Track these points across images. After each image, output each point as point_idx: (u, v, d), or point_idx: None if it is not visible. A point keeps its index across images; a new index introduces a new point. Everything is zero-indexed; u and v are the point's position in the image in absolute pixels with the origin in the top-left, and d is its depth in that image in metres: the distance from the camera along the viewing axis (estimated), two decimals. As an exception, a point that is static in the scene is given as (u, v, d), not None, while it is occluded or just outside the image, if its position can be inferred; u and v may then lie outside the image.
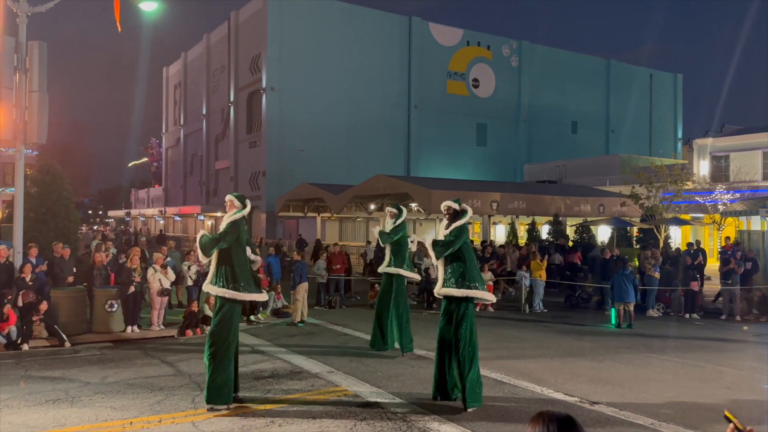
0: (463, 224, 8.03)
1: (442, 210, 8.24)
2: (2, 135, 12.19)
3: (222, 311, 7.66)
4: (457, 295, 7.75)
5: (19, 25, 12.14)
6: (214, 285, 7.68)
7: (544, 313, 16.52)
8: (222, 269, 7.69)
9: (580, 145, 51.05)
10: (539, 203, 26.36)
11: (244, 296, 7.73)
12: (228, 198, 8.12)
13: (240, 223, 7.91)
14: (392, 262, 11.45)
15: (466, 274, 7.82)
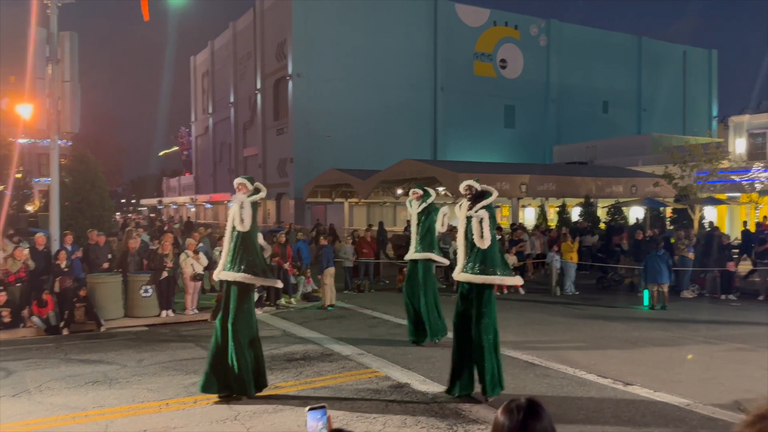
0: (491, 203, 7.60)
1: (462, 191, 7.76)
2: (37, 125, 12.46)
3: (239, 299, 7.41)
4: (477, 281, 7.30)
5: (50, 16, 12.34)
6: (231, 271, 7.41)
7: (576, 295, 16.35)
8: (239, 255, 7.46)
9: (611, 125, 50.05)
10: (569, 185, 25.96)
11: (264, 281, 7.67)
12: (239, 180, 7.81)
13: (254, 207, 7.67)
14: (419, 247, 10.72)
15: (487, 259, 7.34)
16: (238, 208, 7.48)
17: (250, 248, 7.50)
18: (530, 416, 1.80)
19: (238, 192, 7.69)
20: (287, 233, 19.28)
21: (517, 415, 1.80)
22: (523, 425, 1.78)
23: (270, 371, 8.59)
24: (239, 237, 7.50)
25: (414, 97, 43.30)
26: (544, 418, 1.81)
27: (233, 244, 7.52)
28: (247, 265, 7.41)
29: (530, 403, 1.83)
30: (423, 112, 43.98)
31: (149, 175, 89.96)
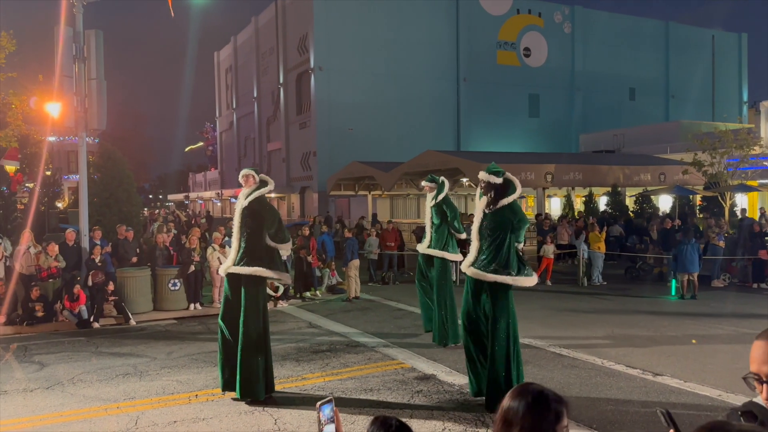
0: (515, 201, 6.85)
1: (481, 183, 6.93)
2: (65, 122, 12.68)
3: (249, 293, 7.15)
4: (488, 279, 6.63)
5: (76, 14, 12.52)
6: (241, 265, 7.16)
7: (603, 285, 16.14)
8: (249, 248, 7.24)
9: (639, 113, 49.12)
10: (596, 174, 25.58)
11: (277, 275, 7.41)
12: (245, 172, 7.49)
13: (265, 198, 7.50)
14: (434, 243, 9.96)
15: (504, 258, 6.69)
16: (246, 205, 7.26)
17: (260, 242, 7.28)
18: (536, 402, 1.75)
19: (245, 185, 7.47)
20: (311, 226, 19.37)
21: (523, 399, 1.76)
22: (528, 410, 1.73)
23: (296, 362, 8.67)
24: (248, 231, 7.26)
25: (436, 87, 43.05)
26: (551, 404, 1.75)
27: (243, 239, 7.27)
28: (258, 259, 7.19)
29: (538, 389, 1.79)
30: (445, 102, 43.71)
31: (175, 170, 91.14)
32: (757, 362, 1.67)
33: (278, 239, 7.42)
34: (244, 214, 7.29)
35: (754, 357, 1.69)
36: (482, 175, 6.90)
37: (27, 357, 9.33)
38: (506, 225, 6.73)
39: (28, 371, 8.49)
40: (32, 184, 24.14)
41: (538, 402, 1.74)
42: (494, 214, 6.76)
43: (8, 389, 7.62)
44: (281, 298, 13.77)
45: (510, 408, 1.76)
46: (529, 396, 1.76)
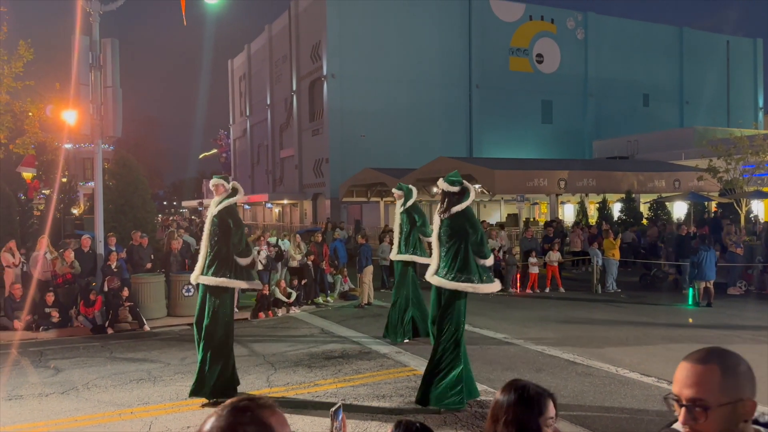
0: (468, 207, 7.05)
1: (439, 190, 7.29)
2: (81, 130, 12.83)
3: (216, 302, 7.24)
4: (449, 287, 6.85)
5: (92, 23, 12.69)
6: (207, 275, 7.22)
7: (618, 292, 16.01)
8: (215, 257, 7.27)
9: (653, 119, 48.80)
10: (610, 180, 25.43)
11: (242, 284, 7.42)
12: (215, 181, 7.54)
13: (235, 208, 7.51)
14: (402, 248, 10.47)
15: (463, 265, 6.86)
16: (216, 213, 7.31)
17: (227, 251, 7.29)
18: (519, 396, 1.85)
19: (215, 193, 7.46)
20: (324, 233, 19.42)
21: (507, 394, 1.88)
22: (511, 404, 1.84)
23: (309, 369, 8.68)
24: (217, 240, 7.29)
25: (448, 94, 43.07)
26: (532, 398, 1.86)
27: (211, 248, 7.31)
28: (225, 269, 7.24)
29: (522, 384, 1.89)
30: (458, 109, 43.71)
31: (189, 177, 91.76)
32: (679, 384, 1.59)
33: (238, 251, 7.36)
34: (213, 223, 7.33)
35: (677, 378, 1.61)
36: (439, 183, 7.20)
37: (42, 362, 9.42)
38: (461, 231, 6.94)
39: (44, 376, 8.58)
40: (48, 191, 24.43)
41: (521, 396, 1.85)
42: (450, 221, 7.00)
43: (24, 394, 7.69)
44: (293, 304, 13.81)
45: (497, 402, 1.89)
46: (513, 390, 1.88)
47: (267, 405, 1.37)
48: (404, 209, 10.56)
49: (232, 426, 1.30)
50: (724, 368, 1.57)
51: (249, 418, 1.32)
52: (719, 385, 1.54)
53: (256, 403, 1.36)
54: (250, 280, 7.66)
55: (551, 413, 1.83)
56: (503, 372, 8.35)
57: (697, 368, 1.59)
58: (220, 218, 7.34)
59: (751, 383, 1.57)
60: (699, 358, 1.62)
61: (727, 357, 1.61)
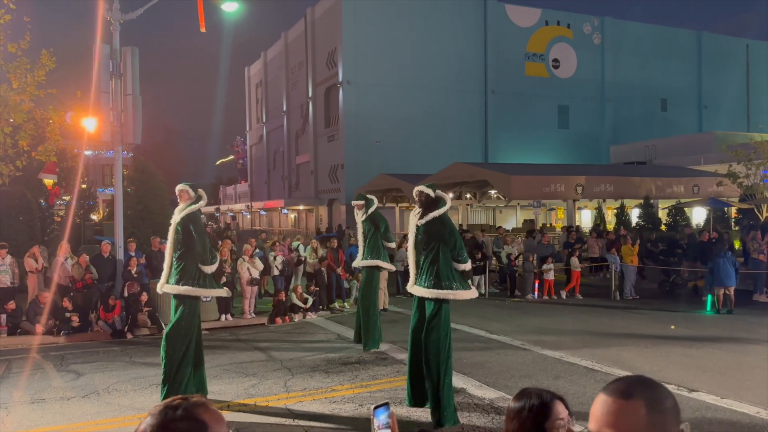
0: (445, 213, 7.05)
1: (414, 196, 7.26)
2: (102, 137, 13.02)
3: (180, 311, 7.20)
4: (429, 296, 6.85)
5: (112, 32, 12.89)
6: (172, 284, 7.21)
7: (636, 299, 15.86)
8: (179, 265, 7.23)
9: (671, 124, 48.37)
10: (628, 185, 25.22)
11: (206, 292, 7.42)
12: (179, 188, 7.47)
13: (198, 215, 7.43)
14: (367, 254, 10.67)
15: (441, 272, 6.85)
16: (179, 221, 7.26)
17: (192, 260, 7.26)
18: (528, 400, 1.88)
19: (180, 200, 7.41)
20: (340, 238, 19.48)
21: (517, 400, 1.90)
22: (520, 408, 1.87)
23: (326, 374, 8.70)
24: (180, 248, 7.27)
25: (464, 100, 43.06)
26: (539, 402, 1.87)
27: (176, 256, 7.27)
28: (189, 277, 7.20)
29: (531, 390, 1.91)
30: (473, 114, 43.67)
31: (206, 183, 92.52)
32: (598, 422, 1.39)
33: (202, 260, 7.32)
34: (176, 231, 7.27)
35: (595, 414, 1.40)
36: (419, 187, 7.17)
37: (64, 366, 9.55)
38: (438, 237, 6.91)
39: (65, 380, 8.69)
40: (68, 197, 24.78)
41: (529, 400, 1.89)
42: (426, 227, 6.97)
43: (46, 397, 7.81)
44: (310, 310, 13.86)
45: (509, 408, 1.92)
46: (523, 396, 1.91)
47: (200, 403, 1.39)
48: (366, 217, 10.69)
49: (164, 424, 1.32)
50: (649, 404, 1.39)
51: (181, 415, 1.34)
52: (645, 424, 1.36)
53: (188, 402, 1.38)
54: (214, 288, 7.62)
55: (561, 415, 1.86)
56: (521, 379, 8.31)
57: (619, 404, 1.39)
58: (183, 226, 7.26)
59: (676, 419, 1.42)
60: (622, 391, 1.42)
61: (653, 390, 1.43)
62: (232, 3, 13.52)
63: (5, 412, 7.24)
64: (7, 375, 8.99)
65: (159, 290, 7.44)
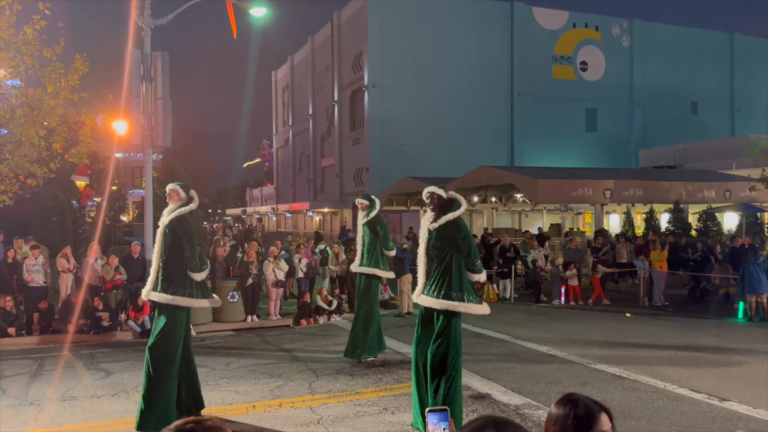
0: (459, 217, 6.53)
1: (425, 198, 6.74)
2: (133, 140, 13.26)
3: (164, 321, 6.63)
4: (438, 307, 6.34)
5: (144, 37, 13.13)
6: (158, 291, 6.65)
7: (665, 306, 15.58)
8: (166, 272, 6.69)
9: (702, 127, 47.44)
10: (657, 190, 24.80)
11: (194, 302, 6.79)
12: (170, 187, 7.02)
13: (187, 218, 6.89)
14: (366, 261, 10.02)
15: (453, 282, 6.36)
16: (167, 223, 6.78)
17: (179, 266, 6.74)
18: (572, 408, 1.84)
19: (169, 201, 6.96)
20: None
21: (560, 407, 1.86)
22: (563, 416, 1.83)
23: (350, 377, 8.73)
24: (167, 253, 6.75)
25: (490, 103, 42.84)
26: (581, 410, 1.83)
27: (162, 262, 6.75)
28: (176, 285, 6.67)
29: (576, 397, 1.87)
30: (499, 117, 43.42)
31: (233, 186, 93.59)
32: None
33: (191, 266, 6.75)
34: (164, 234, 6.76)
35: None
36: (430, 188, 6.71)
37: (94, 365, 9.74)
38: (452, 242, 6.43)
39: (95, 378, 8.86)
40: (99, 199, 25.26)
41: (576, 408, 1.85)
42: (439, 231, 6.48)
43: (77, 395, 7.97)
44: (334, 312, 13.91)
45: (549, 416, 1.89)
46: (563, 405, 1.87)
47: (215, 426, 1.30)
48: (367, 221, 10.07)
49: None
50: None
51: None
52: None
53: (201, 426, 1.29)
54: (207, 298, 6.98)
55: (604, 427, 1.82)
56: (547, 385, 8.23)
57: None
58: (171, 229, 6.74)
59: None
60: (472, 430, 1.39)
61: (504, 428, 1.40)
62: (260, 8, 13.66)
63: (38, 409, 7.41)
64: (39, 373, 9.19)
65: (144, 297, 6.90)
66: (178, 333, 6.67)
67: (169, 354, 6.57)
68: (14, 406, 7.50)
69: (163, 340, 6.59)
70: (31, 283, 12.37)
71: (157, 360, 6.52)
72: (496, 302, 16.24)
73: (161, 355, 6.54)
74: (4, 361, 9.86)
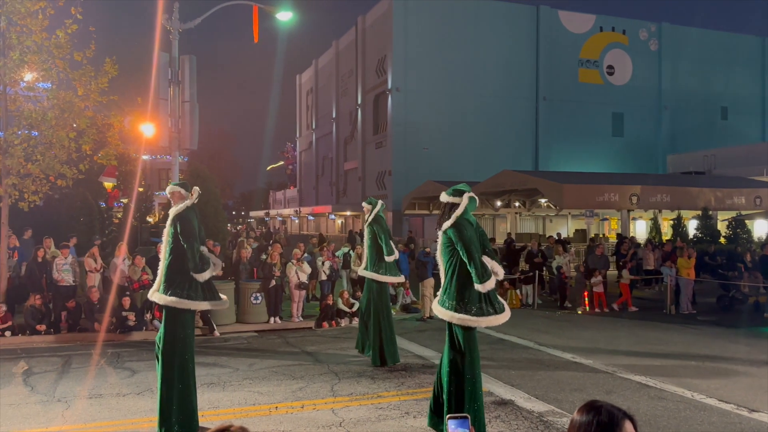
0: (462, 215, 6.08)
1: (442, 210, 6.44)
2: (160, 142, 13.46)
3: (167, 324, 6.51)
4: (444, 318, 6.13)
5: (172, 41, 13.33)
6: (161, 293, 6.52)
7: (693, 314, 15.29)
8: (170, 273, 6.54)
9: (731, 133, 46.55)
10: (685, 196, 24.39)
11: (195, 305, 6.57)
12: (168, 189, 6.84)
13: (188, 216, 6.66)
14: (369, 265, 9.98)
15: (454, 289, 6.07)
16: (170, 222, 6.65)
17: (182, 267, 6.54)
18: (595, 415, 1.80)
19: (173, 202, 6.81)
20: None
21: (583, 414, 1.83)
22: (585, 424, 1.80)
23: (372, 380, 8.72)
24: (171, 254, 6.58)
25: (514, 107, 42.59)
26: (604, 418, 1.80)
27: (167, 262, 6.58)
28: (177, 287, 6.49)
29: (599, 404, 1.84)
30: (523, 122, 43.12)
31: (257, 188, 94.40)
32: None
33: (193, 266, 6.51)
34: (169, 233, 6.64)
35: None
36: (442, 197, 6.43)
37: (120, 363, 9.88)
38: (451, 245, 6.11)
39: (121, 377, 8.99)
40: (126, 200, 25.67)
41: (599, 415, 1.82)
42: (444, 234, 6.21)
43: (103, 393, 8.09)
44: (356, 315, 13.90)
45: (571, 422, 1.86)
46: (586, 411, 1.85)
47: None
48: (368, 222, 10.08)
49: None
50: None
51: None
52: None
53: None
54: (210, 300, 6.68)
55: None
56: (571, 393, 8.12)
57: None
58: (173, 226, 6.58)
59: None
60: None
61: None
62: (286, 12, 13.78)
63: (65, 405, 7.54)
64: (66, 370, 9.35)
65: (149, 298, 6.80)
66: (179, 334, 6.51)
67: (182, 356, 6.50)
68: (42, 403, 7.64)
69: (167, 343, 6.49)
70: (61, 282, 12.60)
71: (170, 366, 6.44)
72: (519, 308, 16.11)
73: (175, 359, 6.46)
74: (33, 359, 10.06)
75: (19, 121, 12.71)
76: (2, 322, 11.64)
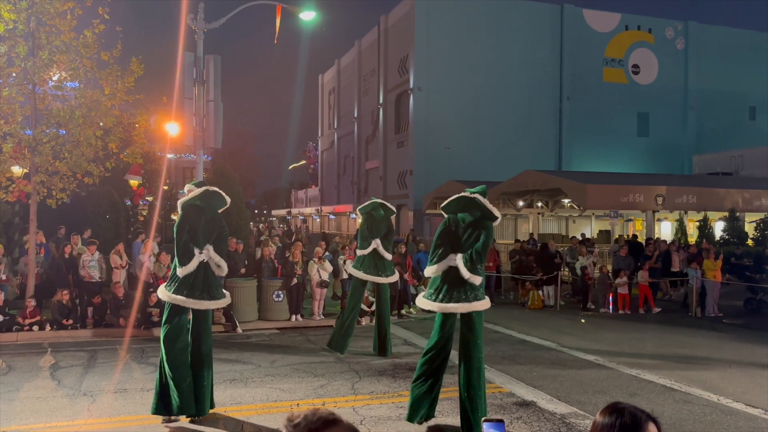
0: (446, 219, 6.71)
1: None
2: (185, 141, 13.61)
3: (165, 317, 6.77)
4: (434, 309, 6.62)
5: (196, 41, 13.47)
6: (166, 289, 6.76)
7: (719, 317, 15.02)
8: (174, 270, 6.75)
9: (760, 133, 45.59)
10: (712, 197, 23.95)
11: (187, 302, 6.67)
12: (187, 188, 7.12)
13: (183, 211, 6.77)
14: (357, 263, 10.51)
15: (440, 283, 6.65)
16: None
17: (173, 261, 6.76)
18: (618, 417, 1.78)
19: None
20: (407, 243, 19.45)
21: (606, 416, 1.80)
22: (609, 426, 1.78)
23: (393, 379, 8.72)
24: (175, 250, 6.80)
25: (537, 106, 42.23)
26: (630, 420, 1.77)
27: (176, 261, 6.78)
28: (171, 282, 6.75)
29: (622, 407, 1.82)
30: (547, 121, 42.74)
31: (279, 187, 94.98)
32: None
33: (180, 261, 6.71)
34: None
35: None
36: None
37: (144, 359, 10.02)
38: None
39: (145, 372, 9.11)
40: (152, 198, 26.00)
41: (621, 417, 1.79)
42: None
43: (128, 388, 8.21)
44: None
45: (594, 424, 1.83)
46: (609, 413, 1.82)
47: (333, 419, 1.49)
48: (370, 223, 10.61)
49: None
50: None
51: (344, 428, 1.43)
52: None
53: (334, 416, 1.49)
54: (210, 299, 6.84)
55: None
56: (594, 395, 8.04)
57: None
58: None
59: None
60: None
61: None
62: (309, 12, 13.85)
63: (90, 399, 7.67)
64: (92, 365, 9.51)
65: (159, 294, 7.08)
66: (176, 330, 6.74)
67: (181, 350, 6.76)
68: (69, 396, 7.78)
69: (165, 333, 6.78)
70: (87, 278, 12.82)
71: (173, 357, 6.74)
72: (542, 309, 15.99)
73: (168, 345, 6.75)
74: (60, 353, 10.25)
75: (47, 119, 12.95)
76: (31, 317, 11.89)
